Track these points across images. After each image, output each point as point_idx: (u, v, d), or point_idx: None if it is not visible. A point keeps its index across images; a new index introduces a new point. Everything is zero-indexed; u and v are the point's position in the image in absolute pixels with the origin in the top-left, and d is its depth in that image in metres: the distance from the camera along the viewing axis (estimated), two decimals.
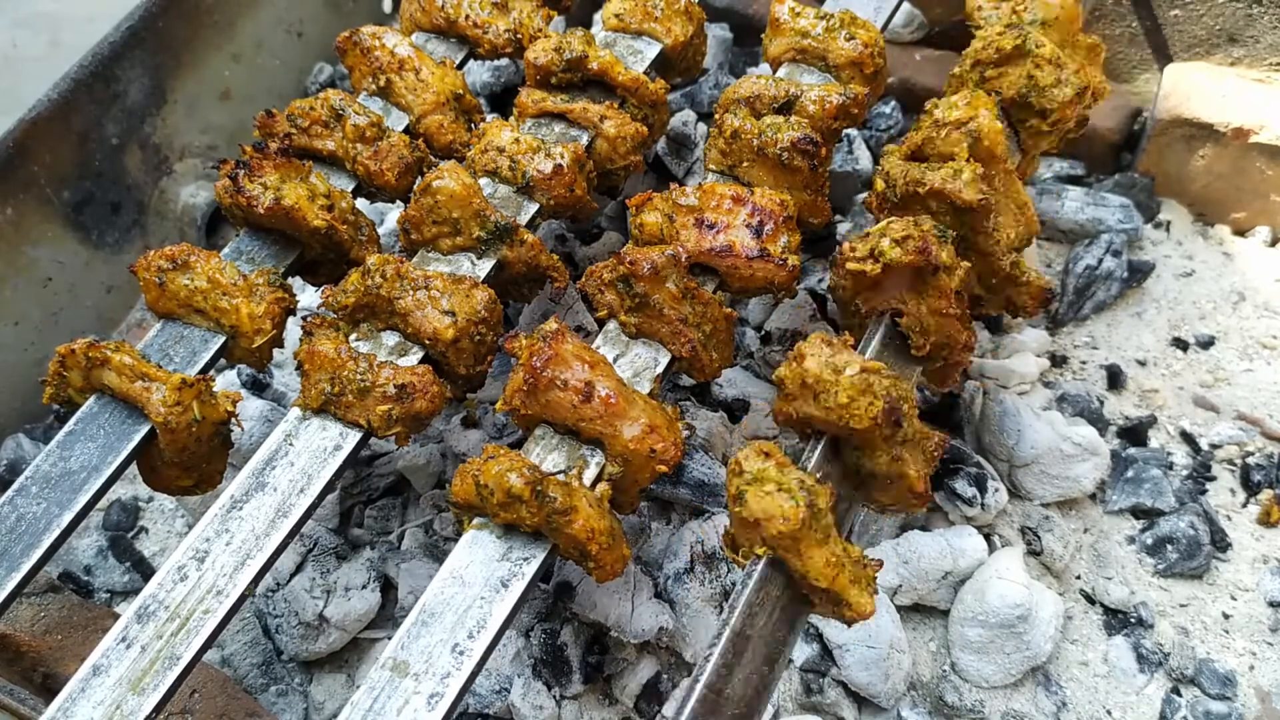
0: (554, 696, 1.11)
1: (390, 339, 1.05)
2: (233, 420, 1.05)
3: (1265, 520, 1.28)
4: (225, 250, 1.13)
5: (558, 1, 1.38)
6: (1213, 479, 1.31)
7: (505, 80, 1.65)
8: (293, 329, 1.20)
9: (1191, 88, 1.49)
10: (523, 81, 1.57)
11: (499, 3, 1.31)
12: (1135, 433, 1.34)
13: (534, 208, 1.14)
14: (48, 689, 1.09)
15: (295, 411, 1.03)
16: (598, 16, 1.37)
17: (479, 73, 1.65)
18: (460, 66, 1.30)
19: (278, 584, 1.21)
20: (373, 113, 1.19)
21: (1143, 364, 1.41)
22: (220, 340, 1.08)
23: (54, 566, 1.30)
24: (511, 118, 1.22)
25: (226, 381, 1.40)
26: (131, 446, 1.01)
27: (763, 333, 1.38)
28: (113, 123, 1.53)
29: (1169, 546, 1.24)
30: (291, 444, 1.01)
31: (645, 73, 1.24)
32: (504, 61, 1.60)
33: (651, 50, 1.27)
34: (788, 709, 1.13)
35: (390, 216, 1.57)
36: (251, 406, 1.33)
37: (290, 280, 1.14)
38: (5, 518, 0.97)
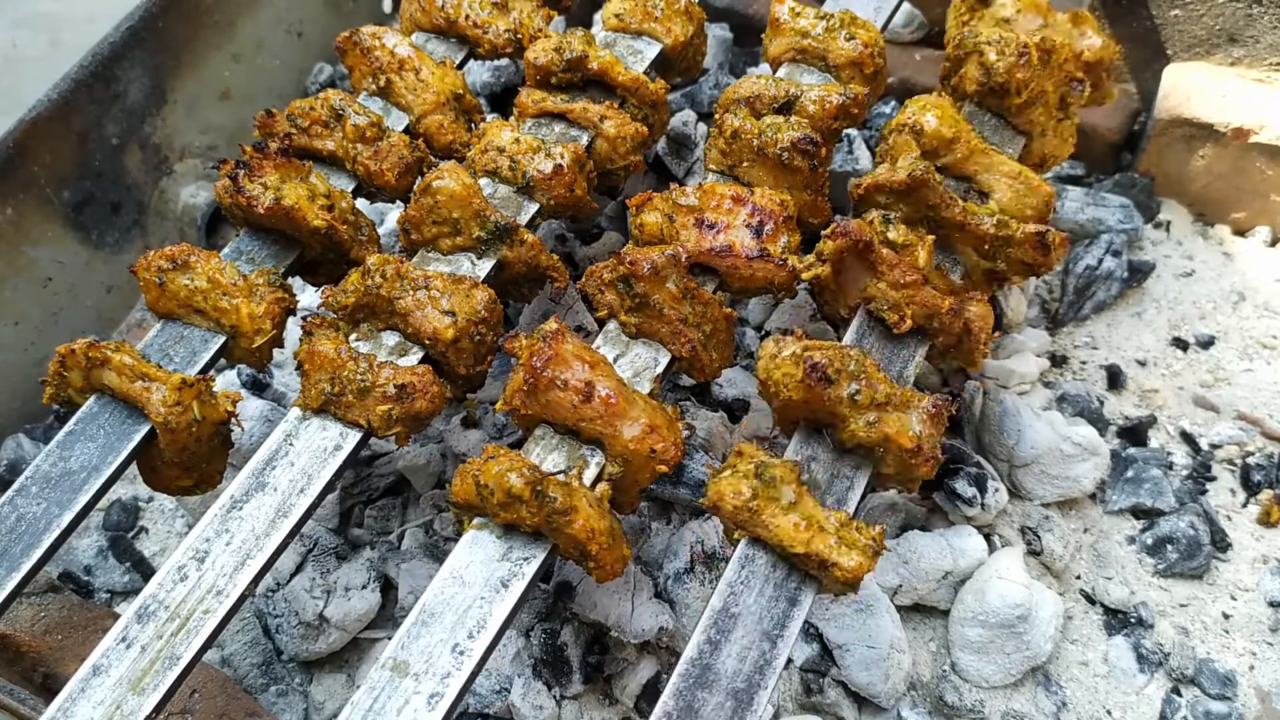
0: (554, 696, 1.11)
1: (390, 339, 1.05)
2: (233, 420, 1.05)
3: (1265, 520, 1.28)
4: (225, 250, 1.13)
5: (558, 1, 1.38)
6: (1213, 479, 1.31)
7: (505, 80, 1.65)
8: (293, 329, 1.20)
9: (1191, 88, 1.49)
10: (523, 81, 1.57)
11: (499, 3, 1.31)
12: (1135, 433, 1.34)
13: (534, 208, 1.14)
14: (48, 689, 1.09)
15: (295, 411, 1.03)
16: (598, 16, 1.37)
17: (479, 73, 1.65)
18: (460, 66, 1.30)
19: (278, 584, 1.21)
20: (373, 113, 1.19)
21: (1143, 364, 1.41)
22: (220, 340, 1.08)
23: (54, 566, 1.30)
24: (511, 118, 1.22)
25: (226, 381, 1.40)
26: (131, 446, 1.01)
27: (763, 333, 1.38)
28: (113, 123, 1.53)
29: (1169, 546, 1.24)
30: (291, 444, 1.01)
31: (645, 73, 1.24)
32: (504, 61, 1.60)
33: (651, 50, 1.27)
34: (788, 709, 1.13)
35: (390, 216, 1.57)
36: (251, 406, 1.33)
37: (290, 280, 1.14)
38: (5, 518, 0.97)
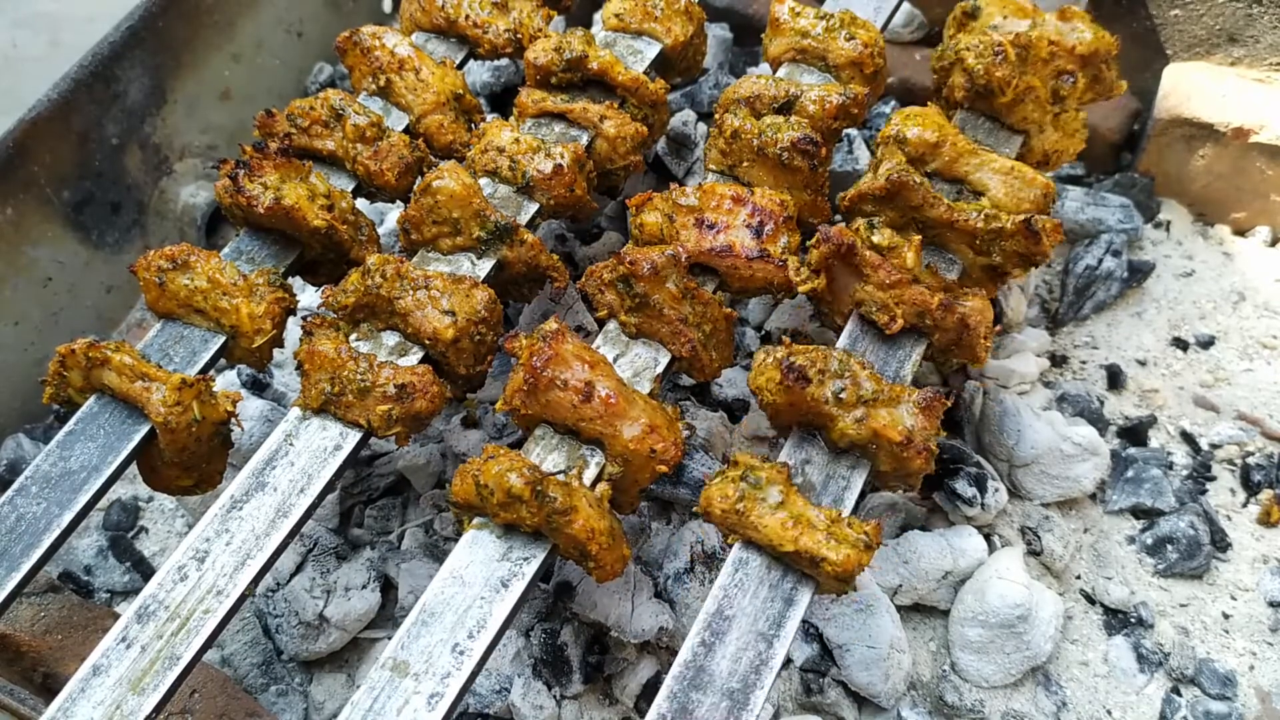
0: (554, 696, 1.11)
1: (390, 339, 1.05)
2: (233, 420, 1.05)
3: (1265, 520, 1.28)
4: (225, 250, 1.13)
5: (558, 1, 1.38)
6: (1213, 479, 1.31)
7: (505, 80, 1.65)
8: (293, 329, 1.20)
9: (1191, 88, 1.49)
10: (523, 81, 1.57)
11: (499, 3, 1.31)
12: (1135, 433, 1.34)
13: (534, 208, 1.14)
14: (48, 689, 1.09)
15: (295, 411, 1.03)
16: (598, 16, 1.37)
17: (479, 73, 1.65)
18: (460, 66, 1.30)
19: (278, 584, 1.21)
20: (373, 113, 1.19)
21: (1143, 364, 1.41)
22: (220, 340, 1.08)
23: (54, 566, 1.30)
24: (511, 118, 1.22)
25: (226, 381, 1.40)
26: (131, 446, 1.01)
27: (763, 333, 1.38)
28: (113, 123, 1.53)
29: (1169, 546, 1.24)
30: (291, 444, 1.01)
31: (645, 73, 1.24)
32: (504, 61, 1.60)
33: (651, 50, 1.27)
34: (788, 709, 1.13)
35: (390, 216, 1.57)
36: (251, 406, 1.33)
37: (290, 280, 1.14)
38: (5, 518, 0.97)
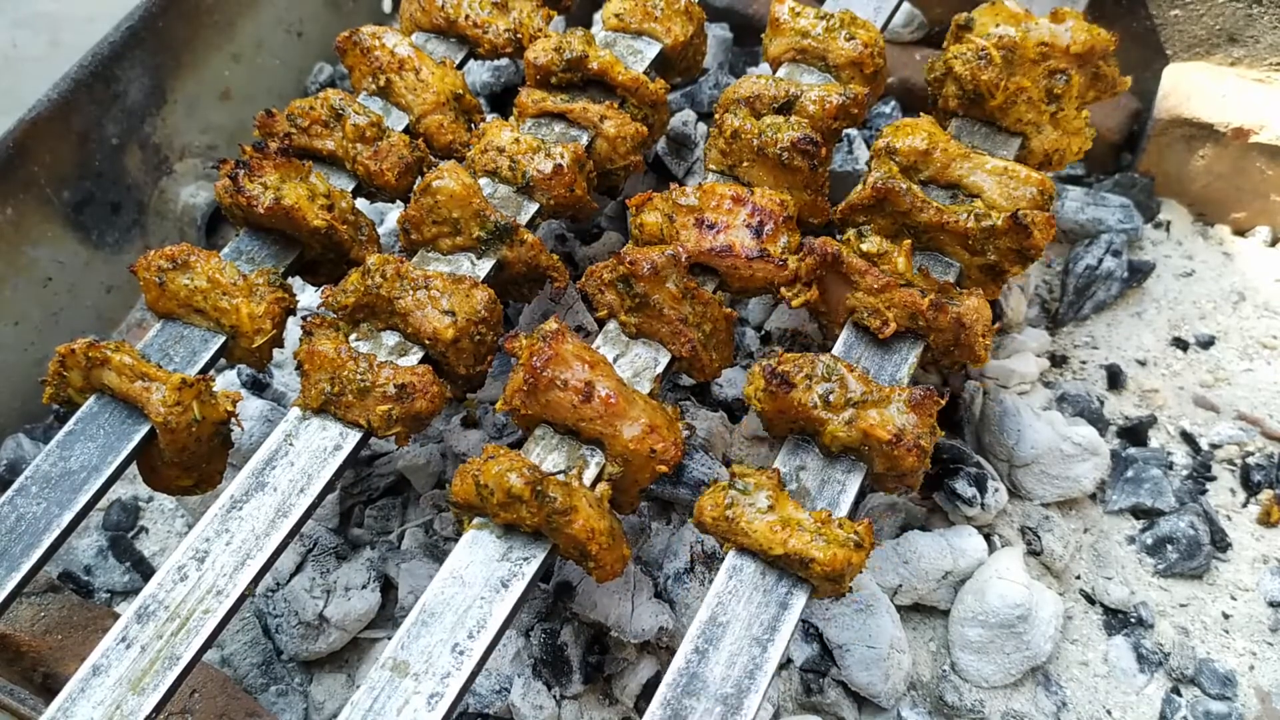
0: (554, 696, 1.11)
1: (390, 339, 1.05)
2: (233, 420, 1.05)
3: (1265, 520, 1.28)
4: (225, 250, 1.13)
5: (558, 1, 1.38)
6: (1213, 479, 1.31)
7: (505, 80, 1.65)
8: (293, 329, 1.20)
9: (1191, 88, 1.49)
10: (523, 81, 1.57)
11: (499, 3, 1.31)
12: (1135, 433, 1.34)
13: (534, 208, 1.14)
14: (48, 689, 1.09)
15: (295, 411, 1.03)
16: (598, 16, 1.37)
17: (479, 73, 1.65)
18: (460, 66, 1.30)
19: (278, 584, 1.21)
20: (373, 113, 1.19)
21: (1143, 364, 1.41)
22: (220, 340, 1.08)
23: (54, 566, 1.30)
24: (511, 118, 1.22)
25: (226, 381, 1.40)
26: (131, 446, 1.01)
27: (763, 333, 1.38)
28: (113, 123, 1.53)
29: (1169, 546, 1.24)
30: (291, 444, 1.01)
31: (645, 73, 1.24)
32: (504, 61, 1.60)
33: (651, 50, 1.27)
34: (788, 709, 1.13)
35: (390, 216, 1.57)
36: (251, 406, 1.33)
37: (290, 280, 1.14)
38: (5, 518, 0.97)
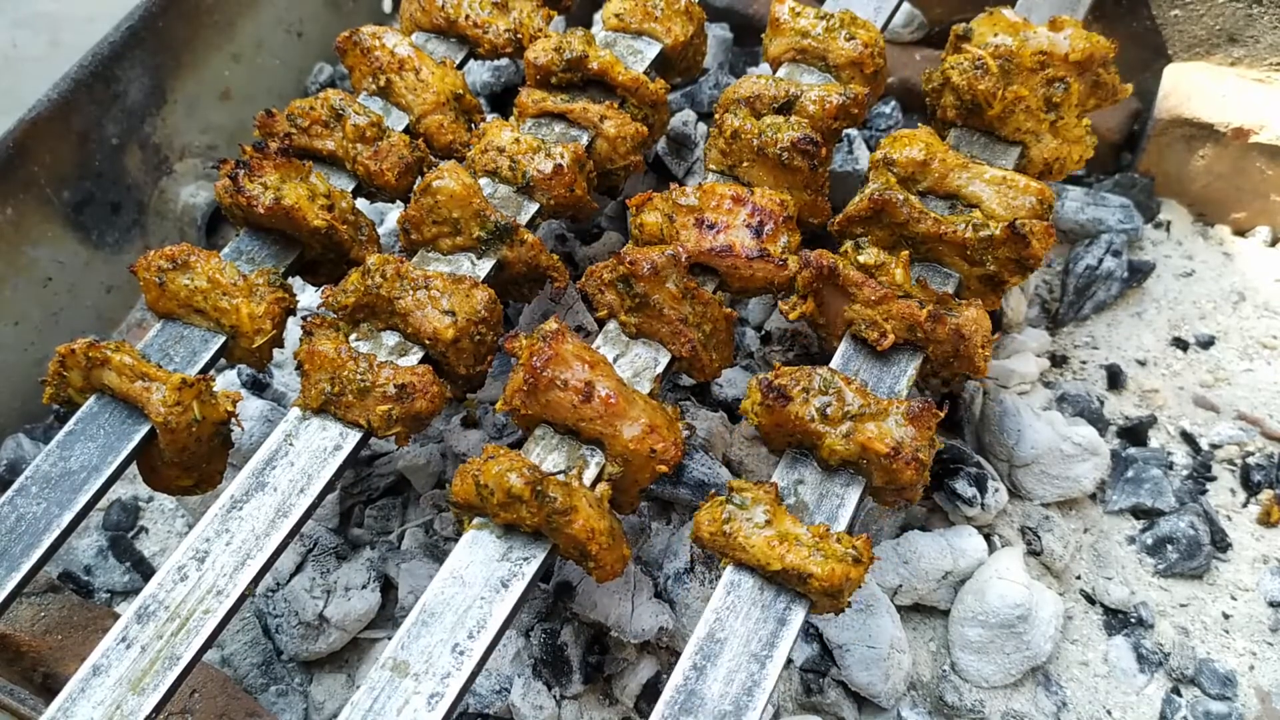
0: (554, 696, 1.11)
1: (390, 339, 1.05)
2: (233, 420, 1.05)
3: (1265, 520, 1.28)
4: (225, 250, 1.13)
5: (558, 1, 1.38)
6: (1213, 479, 1.31)
7: (505, 80, 1.65)
8: (293, 329, 1.20)
9: (1191, 88, 1.49)
10: (523, 81, 1.57)
11: (499, 3, 1.31)
12: (1135, 433, 1.34)
13: (534, 208, 1.14)
14: (48, 689, 1.09)
15: (295, 411, 1.03)
16: (598, 16, 1.37)
17: (479, 73, 1.65)
18: (460, 66, 1.30)
19: (278, 584, 1.21)
20: (373, 113, 1.19)
21: (1143, 364, 1.41)
22: (220, 340, 1.08)
23: (54, 566, 1.30)
24: (511, 118, 1.22)
25: (226, 381, 1.40)
26: (131, 446, 1.01)
27: (763, 333, 1.38)
28: (113, 123, 1.53)
29: (1169, 546, 1.24)
30: (291, 444, 1.01)
31: (645, 73, 1.24)
32: (504, 61, 1.60)
33: (651, 50, 1.27)
34: (788, 709, 1.13)
35: (390, 216, 1.57)
36: (251, 406, 1.33)
37: (290, 280, 1.14)
38: (5, 518, 0.97)
